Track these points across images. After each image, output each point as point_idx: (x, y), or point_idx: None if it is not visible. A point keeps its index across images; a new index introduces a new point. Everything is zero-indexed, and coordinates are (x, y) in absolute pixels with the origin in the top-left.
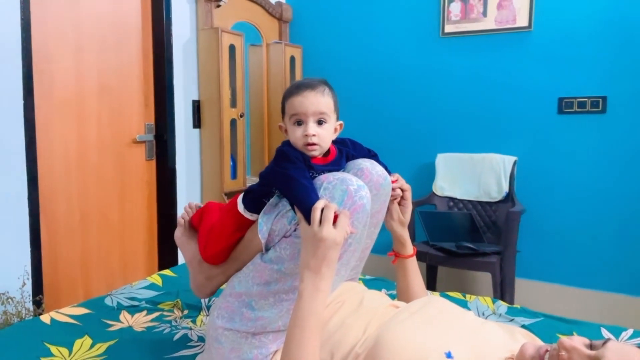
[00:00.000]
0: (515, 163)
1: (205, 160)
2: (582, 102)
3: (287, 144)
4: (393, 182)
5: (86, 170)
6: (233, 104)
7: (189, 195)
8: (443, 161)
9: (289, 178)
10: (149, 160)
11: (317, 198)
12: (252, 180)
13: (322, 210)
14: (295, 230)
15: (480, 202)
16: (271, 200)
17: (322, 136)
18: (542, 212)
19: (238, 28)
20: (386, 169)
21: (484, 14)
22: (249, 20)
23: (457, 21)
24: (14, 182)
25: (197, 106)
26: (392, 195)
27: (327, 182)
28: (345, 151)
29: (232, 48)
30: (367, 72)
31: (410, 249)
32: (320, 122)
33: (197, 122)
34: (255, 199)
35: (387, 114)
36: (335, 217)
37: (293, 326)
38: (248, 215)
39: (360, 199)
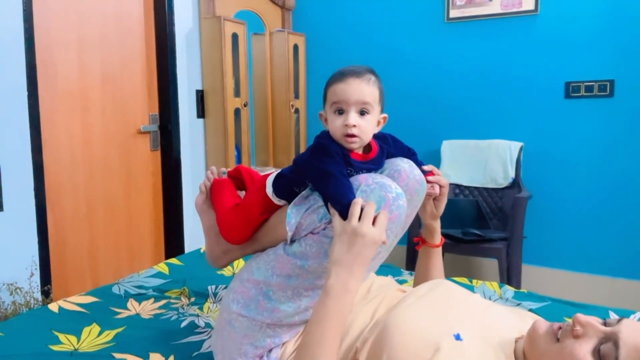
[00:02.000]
0: (521, 149)
1: (209, 150)
2: (589, 86)
3: (326, 136)
4: (428, 175)
5: (92, 161)
6: (237, 93)
7: (194, 184)
8: (449, 148)
9: (326, 173)
10: (154, 150)
11: (353, 196)
12: (257, 170)
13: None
14: (324, 229)
15: (486, 189)
16: (303, 191)
17: (363, 128)
18: (548, 197)
19: (240, 16)
20: (422, 165)
21: None
22: (251, 8)
23: (462, 6)
24: (20, 173)
25: (200, 96)
26: (429, 193)
27: (365, 184)
28: (386, 149)
29: (234, 37)
30: (371, 59)
31: (438, 238)
32: (362, 113)
33: (201, 112)
34: (286, 186)
35: (392, 101)
36: (374, 217)
37: (316, 322)
38: (276, 200)
39: (397, 208)
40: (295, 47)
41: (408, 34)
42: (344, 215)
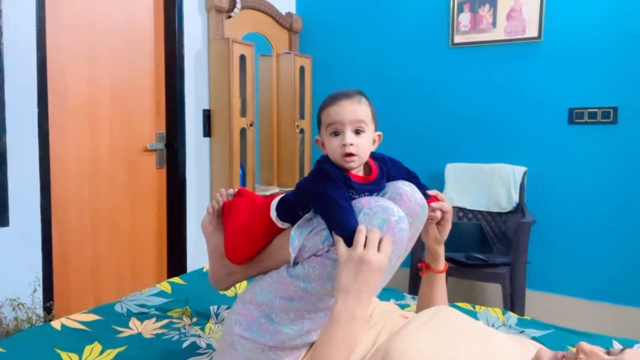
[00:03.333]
0: (525, 173)
1: (214, 169)
2: (592, 113)
3: (326, 160)
4: (431, 200)
5: (98, 178)
6: (243, 113)
7: (198, 203)
8: (452, 171)
9: (328, 199)
10: (160, 168)
11: (356, 222)
12: (261, 189)
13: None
14: (327, 251)
15: (490, 213)
16: (306, 215)
17: (361, 146)
18: (552, 223)
19: (249, 38)
20: (426, 189)
21: (494, 24)
22: (259, 30)
23: (467, 32)
24: (27, 189)
25: (207, 115)
26: (430, 217)
27: (368, 207)
28: (386, 171)
29: (242, 58)
30: (376, 82)
31: (442, 264)
32: (357, 132)
33: (207, 131)
34: (289, 210)
35: (397, 124)
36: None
37: (321, 350)
38: (280, 223)
39: (400, 231)
40: (302, 69)
41: (413, 58)
42: (349, 242)
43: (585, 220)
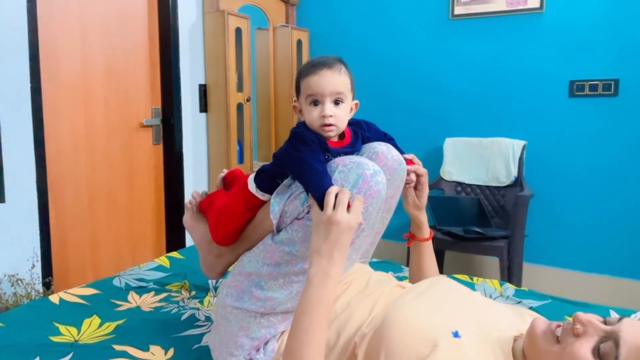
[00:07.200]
0: (524, 147)
1: (212, 145)
2: (593, 85)
3: (302, 125)
4: (408, 163)
5: (94, 154)
6: (240, 88)
7: (196, 179)
8: (451, 145)
9: (303, 162)
10: (156, 144)
11: (330, 183)
12: (259, 164)
13: (336, 194)
14: (308, 212)
15: (488, 187)
16: (285, 181)
17: (339, 116)
18: (551, 196)
19: (244, 11)
20: (402, 153)
21: None
22: (255, 3)
23: (467, 3)
24: (23, 165)
25: (203, 90)
26: (406, 181)
27: (342, 165)
28: (361, 133)
29: (238, 31)
30: (375, 55)
31: (426, 232)
32: (337, 102)
33: (203, 107)
34: (268, 179)
35: (395, 98)
36: (349, 203)
37: (301, 312)
38: (260, 195)
39: (376, 184)
40: (299, 42)
41: (412, 30)
42: (321, 204)
43: (584, 194)
